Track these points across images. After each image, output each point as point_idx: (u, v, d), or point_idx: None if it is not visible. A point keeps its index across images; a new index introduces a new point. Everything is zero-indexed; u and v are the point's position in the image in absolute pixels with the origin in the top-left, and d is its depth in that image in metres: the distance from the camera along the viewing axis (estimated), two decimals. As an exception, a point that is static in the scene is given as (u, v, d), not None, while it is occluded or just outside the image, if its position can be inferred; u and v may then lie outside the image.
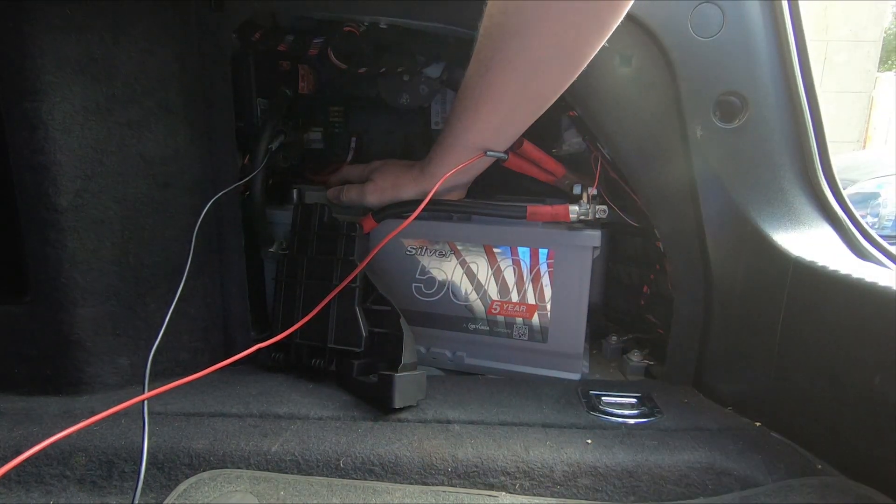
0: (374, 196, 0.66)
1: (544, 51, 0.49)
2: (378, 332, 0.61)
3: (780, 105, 0.56)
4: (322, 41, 0.66)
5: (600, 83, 0.58)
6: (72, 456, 0.49)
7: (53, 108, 0.53)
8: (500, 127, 0.58)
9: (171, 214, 0.61)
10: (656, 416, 0.56)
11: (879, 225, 2.50)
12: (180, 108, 0.60)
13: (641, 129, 0.59)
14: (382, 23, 0.64)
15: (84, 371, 0.58)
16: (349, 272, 0.61)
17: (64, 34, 0.52)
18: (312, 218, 0.65)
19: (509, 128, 0.59)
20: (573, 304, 0.64)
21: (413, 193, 0.64)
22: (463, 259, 0.66)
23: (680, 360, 0.63)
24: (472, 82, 0.55)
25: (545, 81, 0.52)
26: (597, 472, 0.48)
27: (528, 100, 0.54)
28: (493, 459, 0.49)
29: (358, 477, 0.48)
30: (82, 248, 0.56)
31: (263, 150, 0.66)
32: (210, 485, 0.46)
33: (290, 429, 0.53)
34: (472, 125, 0.58)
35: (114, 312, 0.59)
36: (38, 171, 0.54)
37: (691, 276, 0.61)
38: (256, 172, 0.65)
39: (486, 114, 0.56)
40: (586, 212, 0.62)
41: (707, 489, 0.47)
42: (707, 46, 0.55)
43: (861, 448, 0.47)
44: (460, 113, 0.58)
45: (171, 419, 0.54)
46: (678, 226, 0.60)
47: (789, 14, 0.56)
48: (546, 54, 0.50)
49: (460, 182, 0.65)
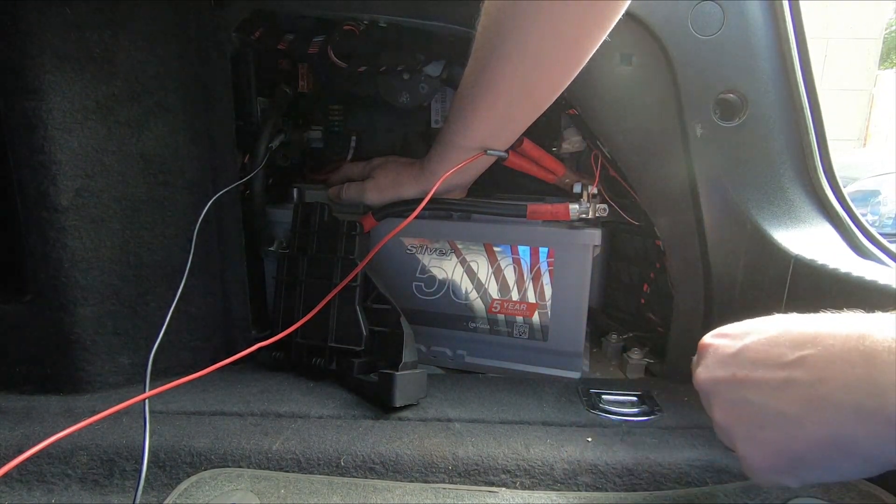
0: (374, 193, 0.66)
1: (543, 47, 0.49)
2: (378, 330, 0.62)
3: (780, 103, 0.56)
4: (322, 40, 0.66)
5: (600, 81, 0.58)
6: (73, 455, 0.49)
7: (53, 108, 0.53)
8: (499, 125, 0.58)
9: (172, 213, 0.61)
10: (656, 414, 0.56)
11: (880, 223, 2.50)
12: (180, 107, 0.60)
13: (641, 127, 0.59)
14: (382, 21, 0.64)
15: (85, 370, 0.58)
16: (349, 271, 0.61)
17: (63, 33, 0.52)
18: (312, 217, 0.65)
19: (508, 126, 0.59)
20: (573, 302, 0.64)
21: (413, 191, 0.64)
22: (463, 258, 0.66)
23: (680, 358, 0.63)
24: (470, 80, 0.54)
25: (544, 79, 0.52)
26: (597, 469, 0.48)
27: (528, 97, 0.54)
28: (493, 457, 0.49)
29: (359, 475, 0.48)
30: (82, 248, 0.56)
31: (263, 149, 0.66)
32: (211, 483, 0.46)
33: (290, 427, 0.53)
34: (472, 123, 0.58)
35: (114, 311, 0.59)
36: (38, 170, 0.54)
37: (691, 275, 0.61)
38: (256, 171, 0.65)
39: (485, 112, 0.56)
40: (586, 210, 0.62)
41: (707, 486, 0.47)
42: (707, 45, 0.55)
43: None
44: (459, 111, 0.57)
45: (172, 418, 0.54)
46: (678, 224, 0.60)
47: (790, 12, 0.56)
48: (545, 51, 0.49)
49: (461, 182, 0.65)
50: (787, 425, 0.31)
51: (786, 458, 0.32)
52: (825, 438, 0.30)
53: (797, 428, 0.31)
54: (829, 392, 0.29)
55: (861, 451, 0.29)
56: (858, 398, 0.28)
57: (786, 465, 0.32)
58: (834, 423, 0.29)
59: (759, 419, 0.33)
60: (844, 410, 0.29)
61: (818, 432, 0.30)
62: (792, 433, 0.31)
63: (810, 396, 0.30)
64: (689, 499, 0.45)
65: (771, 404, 0.32)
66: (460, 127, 0.58)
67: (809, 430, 0.30)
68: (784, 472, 0.32)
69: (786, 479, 0.33)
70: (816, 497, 0.44)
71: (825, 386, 0.30)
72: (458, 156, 0.60)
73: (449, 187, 0.64)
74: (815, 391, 0.30)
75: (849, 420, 0.28)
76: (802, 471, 0.32)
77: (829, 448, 0.30)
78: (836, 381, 0.29)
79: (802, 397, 0.30)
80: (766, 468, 0.33)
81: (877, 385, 0.27)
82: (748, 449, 0.34)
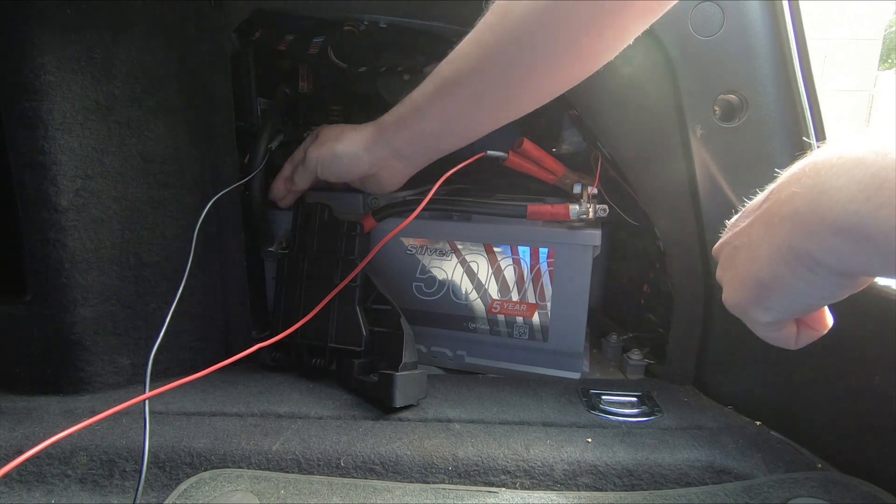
0: (314, 150, 0.62)
1: (558, 54, 0.48)
2: (378, 331, 0.62)
3: (780, 104, 0.56)
4: (322, 40, 0.66)
5: (600, 82, 0.57)
6: (73, 455, 0.49)
7: (53, 108, 0.53)
8: (476, 123, 0.56)
9: (172, 214, 0.61)
10: (656, 414, 0.56)
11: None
12: (180, 107, 0.60)
13: (641, 127, 0.59)
14: (382, 22, 0.64)
15: (85, 371, 0.58)
16: (350, 271, 0.61)
17: (64, 33, 0.52)
18: (313, 217, 0.65)
19: (482, 126, 0.56)
20: (573, 303, 0.64)
21: (357, 147, 0.60)
22: (463, 258, 0.66)
23: (680, 358, 0.63)
24: (465, 74, 0.52)
25: (547, 85, 0.51)
26: (597, 470, 0.48)
27: (515, 104, 0.53)
28: (493, 458, 0.49)
29: (359, 476, 0.48)
30: (82, 248, 0.56)
31: (263, 149, 0.65)
32: (211, 484, 0.46)
33: (290, 428, 0.53)
34: (444, 113, 0.55)
35: (114, 312, 0.59)
36: (38, 170, 0.54)
37: (691, 275, 0.61)
38: (256, 172, 0.65)
39: (466, 106, 0.54)
40: (586, 211, 0.62)
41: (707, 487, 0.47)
42: (707, 45, 0.55)
43: (861, 447, 0.47)
44: (436, 96, 0.54)
45: (171, 418, 0.54)
46: (678, 225, 0.60)
47: (789, 13, 0.56)
48: (559, 58, 0.48)
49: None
50: (748, 250, 0.33)
51: (751, 284, 0.33)
52: (776, 254, 0.31)
53: (755, 250, 0.32)
54: (774, 207, 0.31)
55: (813, 265, 0.29)
56: (796, 205, 0.29)
57: (753, 294, 0.33)
58: (779, 236, 0.30)
59: (734, 255, 0.35)
60: (785, 222, 0.30)
61: (769, 249, 0.31)
62: (751, 256, 0.33)
63: (765, 220, 0.32)
64: (688, 499, 0.45)
65: (742, 240, 0.34)
66: (433, 111, 0.55)
67: (763, 250, 0.32)
68: (753, 301, 0.34)
69: (757, 312, 0.34)
70: (816, 497, 0.44)
71: (771, 203, 0.32)
72: (413, 136, 0.57)
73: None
74: (766, 213, 0.32)
75: (793, 231, 0.29)
76: (768, 299, 0.33)
77: (781, 265, 0.31)
78: (778, 196, 0.31)
79: (760, 222, 0.33)
80: (739, 300, 0.35)
81: (818, 192, 0.28)
82: (726, 284, 0.36)
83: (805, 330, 0.36)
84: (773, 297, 0.32)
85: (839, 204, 0.27)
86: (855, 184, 0.26)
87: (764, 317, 0.34)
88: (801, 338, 0.36)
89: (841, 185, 0.27)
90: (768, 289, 0.32)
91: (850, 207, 0.26)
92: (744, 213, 0.35)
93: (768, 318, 0.34)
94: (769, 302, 0.33)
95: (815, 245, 0.29)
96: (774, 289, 0.32)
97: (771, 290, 0.32)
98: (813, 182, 0.28)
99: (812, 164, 0.29)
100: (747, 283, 0.33)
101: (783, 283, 0.31)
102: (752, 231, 0.33)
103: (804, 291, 0.31)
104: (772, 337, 0.36)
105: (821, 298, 0.32)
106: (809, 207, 0.28)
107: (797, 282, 0.31)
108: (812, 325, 0.36)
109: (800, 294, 0.31)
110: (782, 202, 0.30)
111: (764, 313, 0.34)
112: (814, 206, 0.28)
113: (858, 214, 0.26)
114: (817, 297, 0.32)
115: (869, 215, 0.26)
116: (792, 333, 0.36)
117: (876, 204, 0.26)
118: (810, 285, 0.30)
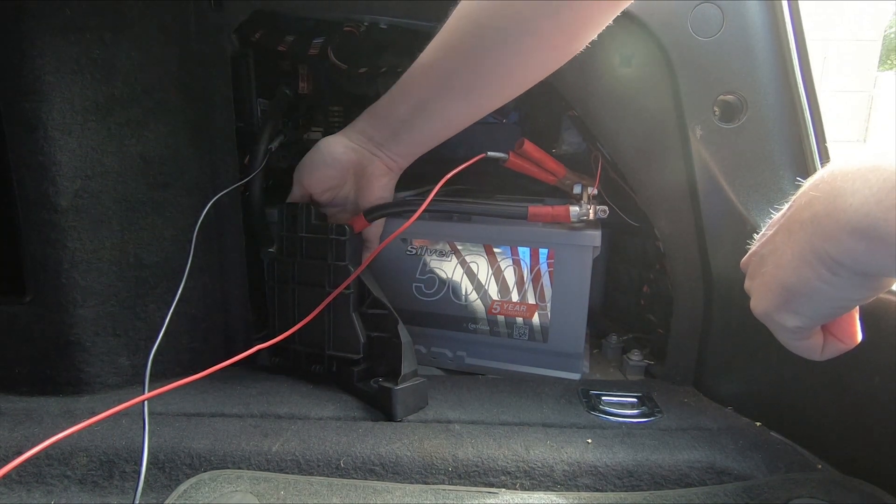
0: (298, 171, 0.62)
1: (528, 50, 0.49)
2: (376, 336, 0.61)
3: (779, 105, 0.56)
4: (322, 41, 0.66)
5: (600, 83, 0.58)
6: (73, 456, 0.49)
7: (53, 109, 0.53)
8: (454, 116, 0.57)
9: (171, 215, 0.61)
10: (656, 415, 0.56)
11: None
12: (180, 108, 0.60)
13: (641, 128, 0.59)
14: (383, 23, 0.64)
15: (84, 371, 0.58)
16: (341, 277, 0.59)
17: (63, 34, 0.52)
18: (298, 218, 0.62)
19: (459, 114, 0.57)
20: (573, 303, 0.64)
21: (332, 143, 0.60)
22: (463, 259, 0.66)
23: (680, 359, 0.63)
24: (426, 70, 0.53)
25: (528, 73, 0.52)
26: (597, 471, 0.48)
27: (496, 93, 0.54)
28: (493, 459, 0.49)
29: (358, 476, 0.48)
30: (82, 248, 0.56)
31: (263, 150, 0.65)
32: (210, 485, 0.46)
33: (290, 429, 0.53)
34: (415, 97, 0.55)
35: (114, 313, 0.59)
36: (38, 171, 0.54)
37: (691, 276, 0.61)
38: (256, 173, 0.65)
39: (447, 97, 0.55)
40: (587, 212, 0.62)
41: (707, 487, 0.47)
42: (707, 46, 0.55)
43: (861, 447, 0.47)
44: (406, 81, 0.55)
45: (171, 419, 0.54)
46: (678, 226, 0.60)
47: (789, 13, 0.56)
48: (530, 54, 0.49)
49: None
50: (773, 257, 0.34)
51: (777, 289, 0.34)
52: (800, 258, 0.32)
53: (780, 256, 0.33)
54: (796, 213, 0.33)
55: (834, 266, 0.30)
56: (815, 210, 0.31)
57: (780, 299, 0.34)
58: (801, 240, 0.32)
59: (761, 263, 0.36)
60: (806, 225, 0.31)
61: (793, 253, 0.32)
62: (777, 262, 0.34)
63: (788, 226, 0.33)
64: (689, 499, 0.45)
65: (768, 248, 0.35)
66: (407, 96, 0.56)
67: (787, 255, 0.33)
68: (780, 306, 0.34)
69: (784, 317, 0.34)
70: (817, 498, 0.44)
71: (793, 210, 0.33)
72: (398, 120, 0.58)
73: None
74: (789, 220, 0.34)
75: (814, 234, 0.31)
76: (794, 303, 0.33)
77: (805, 268, 0.31)
78: (799, 202, 0.33)
79: (784, 229, 0.34)
80: (766, 306, 0.35)
81: (834, 196, 0.29)
82: (753, 292, 0.37)
83: (832, 341, 0.36)
84: (800, 300, 0.33)
85: (853, 207, 0.28)
86: (868, 188, 0.28)
87: (791, 321, 0.34)
88: (828, 349, 0.36)
89: (856, 189, 0.28)
90: (794, 293, 0.33)
91: (862, 210, 0.28)
92: (770, 223, 0.36)
93: (796, 323, 0.34)
94: (796, 306, 0.33)
95: (834, 247, 0.30)
96: (800, 292, 0.32)
97: (797, 294, 0.33)
98: (830, 187, 0.30)
99: (831, 170, 0.30)
100: (774, 289, 0.34)
101: (808, 286, 0.32)
102: (777, 238, 0.34)
103: (828, 293, 0.32)
104: (798, 346, 0.36)
105: (846, 300, 0.33)
106: (827, 211, 0.30)
107: (821, 284, 0.31)
108: (840, 337, 0.36)
109: (825, 296, 0.32)
110: (803, 207, 0.32)
111: (791, 318, 0.34)
112: (830, 209, 0.29)
113: (871, 217, 0.27)
114: (842, 298, 0.32)
115: (881, 218, 0.27)
116: (819, 343, 0.36)
117: (887, 207, 0.27)
118: (834, 287, 0.31)
